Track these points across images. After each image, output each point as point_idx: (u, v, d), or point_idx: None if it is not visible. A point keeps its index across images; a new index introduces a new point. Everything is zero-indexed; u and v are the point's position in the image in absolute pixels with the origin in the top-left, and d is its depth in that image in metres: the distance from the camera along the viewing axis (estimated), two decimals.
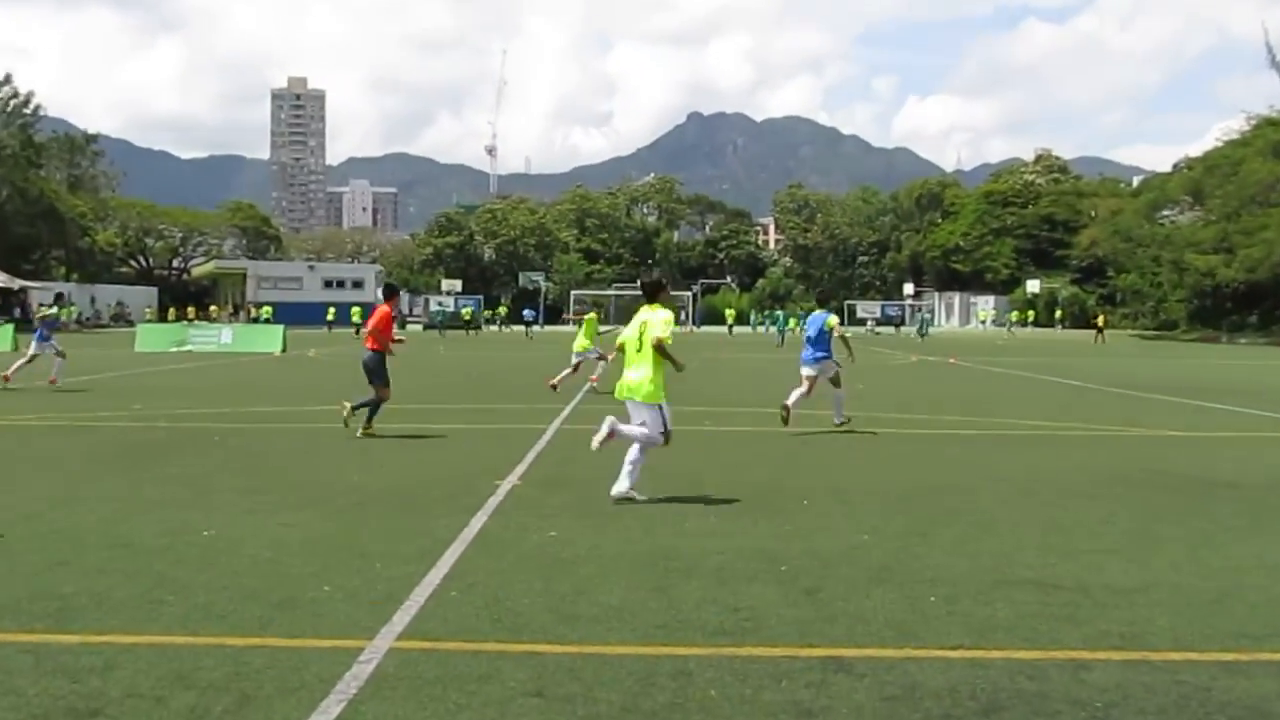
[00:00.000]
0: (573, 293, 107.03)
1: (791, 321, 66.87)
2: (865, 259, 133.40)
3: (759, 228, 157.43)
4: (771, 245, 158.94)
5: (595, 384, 21.71)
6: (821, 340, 15.25)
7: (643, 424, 9.59)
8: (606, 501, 9.55)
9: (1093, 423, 16.74)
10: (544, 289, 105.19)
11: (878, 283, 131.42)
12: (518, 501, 9.61)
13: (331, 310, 61.25)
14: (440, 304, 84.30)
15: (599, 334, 22.70)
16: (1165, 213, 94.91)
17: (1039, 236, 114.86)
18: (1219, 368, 36.18)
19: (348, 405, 14.54)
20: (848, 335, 15.35)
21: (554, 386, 21.30)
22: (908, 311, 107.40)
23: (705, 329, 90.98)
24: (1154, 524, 8.84)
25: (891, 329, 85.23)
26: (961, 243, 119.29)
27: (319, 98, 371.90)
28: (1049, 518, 9.04)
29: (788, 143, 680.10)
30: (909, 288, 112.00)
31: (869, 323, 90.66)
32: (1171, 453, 13.29)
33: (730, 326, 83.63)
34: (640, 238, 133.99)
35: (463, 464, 11.86)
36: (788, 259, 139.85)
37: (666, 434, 9.60)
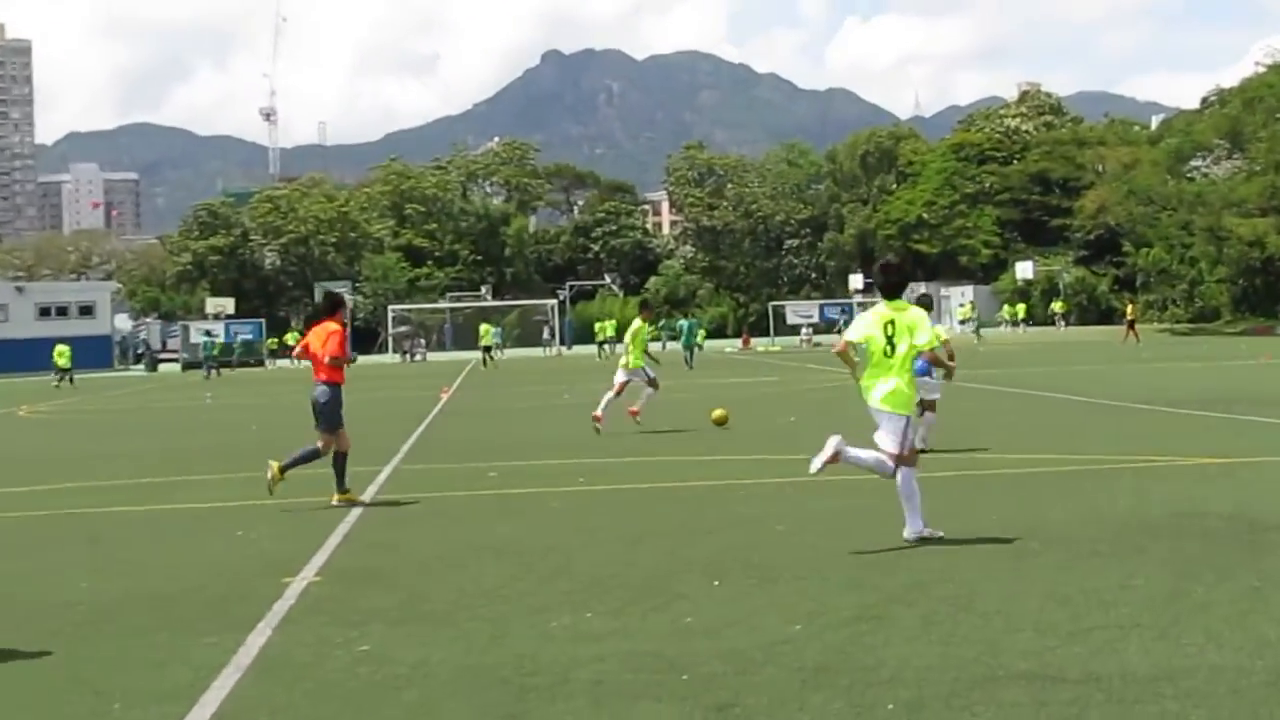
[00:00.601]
0: (390, 309, 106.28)
1: (700, 334, 67.36)
2: (795, 243, 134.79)
3: (648, 206, 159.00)
4: (666, 230, 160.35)
5: (638, 417, 23.31)
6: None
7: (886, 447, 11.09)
8: (439, 596, 9.52)
9: (1106, 452, 17.13)
10: (351, 304, 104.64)
11: (814, 275, 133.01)
12: (316, 605, 9.52)
13: (62, 351, 58.32)
14: (208, 333, 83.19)
15: (647, 346, 24.39)
16: (1195, 164, 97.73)
17: (1029, 203, 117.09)
18: (1274, 370, 37.36)
19: (275, 465, 14.97)
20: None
21: (597, 421, 22.59)
22: (856, 312, 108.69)
23: (581, 349, 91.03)
24: (1187, 585, 9.08)
25: (836, 337, 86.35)
26: (926, 215, 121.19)
27: (22, 51, 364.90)
28: (1049, 585, 9.23)
29: (682, 88, 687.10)
30: (856, 280, 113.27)
31: (803, 330, 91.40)
32: (1208, 489, 13.67)
33: (601, 345, 76.29)
34: (482, 227, 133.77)
35: (237, 557, 11.72)
36: (688, 247, 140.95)
37: (901, 455, 11.05)
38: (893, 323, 11.20)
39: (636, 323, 24.57)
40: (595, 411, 22.93)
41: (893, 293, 11.50)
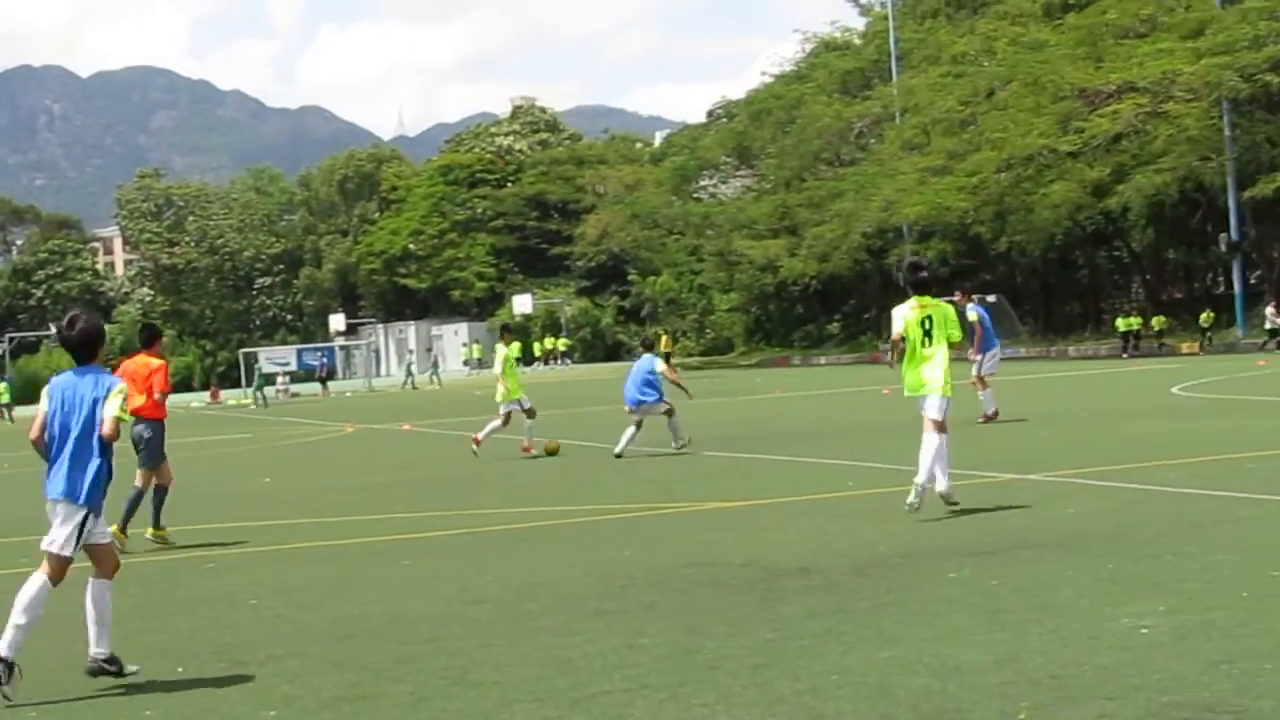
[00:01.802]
0: None
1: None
2: (268, 281, 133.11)
3: (98, 244, 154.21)
4: (120, 270, 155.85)
5: (530, 451, 25.48)
6: None
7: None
8: None
9: (614, 501, 17.68)
10: None
11: (289, 317, 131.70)
12: None
13: None
14: None
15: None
16: (703, 182, 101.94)
17: (526, 229, 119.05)
18: (790, 403, 39.41)
19: (114, 529, 14.23)
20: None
21: (477, 443, 25.29)
22: (338, 356, 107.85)
23: (25, 411, 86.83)
24: (698, 641, 9.42)
25: (318, 387, 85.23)
26: (413, 246, 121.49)
27: None
28: (550, 650, 9.41)
29: (134, 108, 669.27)
30: (337, 320, 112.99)
31: (279, 380, 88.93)
32: (721, 536, 14.29)
33: None
34: None
35: None
36: (146, 289, 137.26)
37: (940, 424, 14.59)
38: (930, 317, 14.54)
39: (504, 349, 26.40)
40: (476, 434, 25.58)
41: (922, 288, 14.75)
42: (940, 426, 14.60)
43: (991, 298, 71.18)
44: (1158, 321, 66.39)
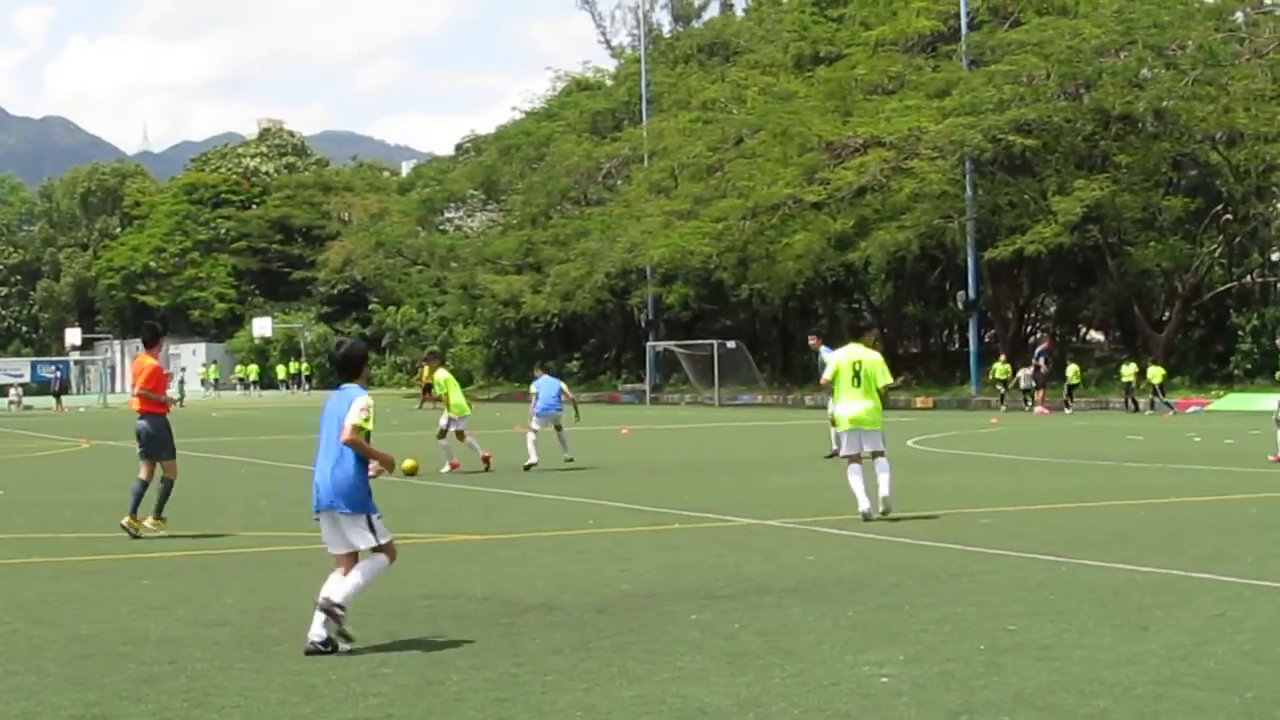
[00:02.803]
0: None
1: None
2: (5, 292, 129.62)
3: None
4: None
5: (457, 469, 27.15)
6: None
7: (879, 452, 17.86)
8: None
9: None
10: None
11: (25, 329, 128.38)
12: None
13: None
14: None
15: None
16: (449, 214, 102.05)
17: (269, 252, 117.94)
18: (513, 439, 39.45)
19: (149, 520, 17.29)
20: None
21: (455, 467, 27.18)
22: (74, 371, 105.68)
23: None
24: (441, 673, 9.43)
25: (52, 400, 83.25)
26: (154, 263, 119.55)
27: None
28: (293, 675, 9.34)
29: None
30: (74, 334, 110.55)
31: (11, 391, 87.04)
32: (464, 568, 14.34)
33: None
34: None
35: None
36: None
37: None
38: (860, 361, 17.79)
39: (443, 373, 28.76)
40: (454, 459, 27.65)
41: (855, 337, 18.39)
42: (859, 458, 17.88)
43: (730, 343, 72.29)
44: None
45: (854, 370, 17.70)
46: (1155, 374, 54.25)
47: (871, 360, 17.82)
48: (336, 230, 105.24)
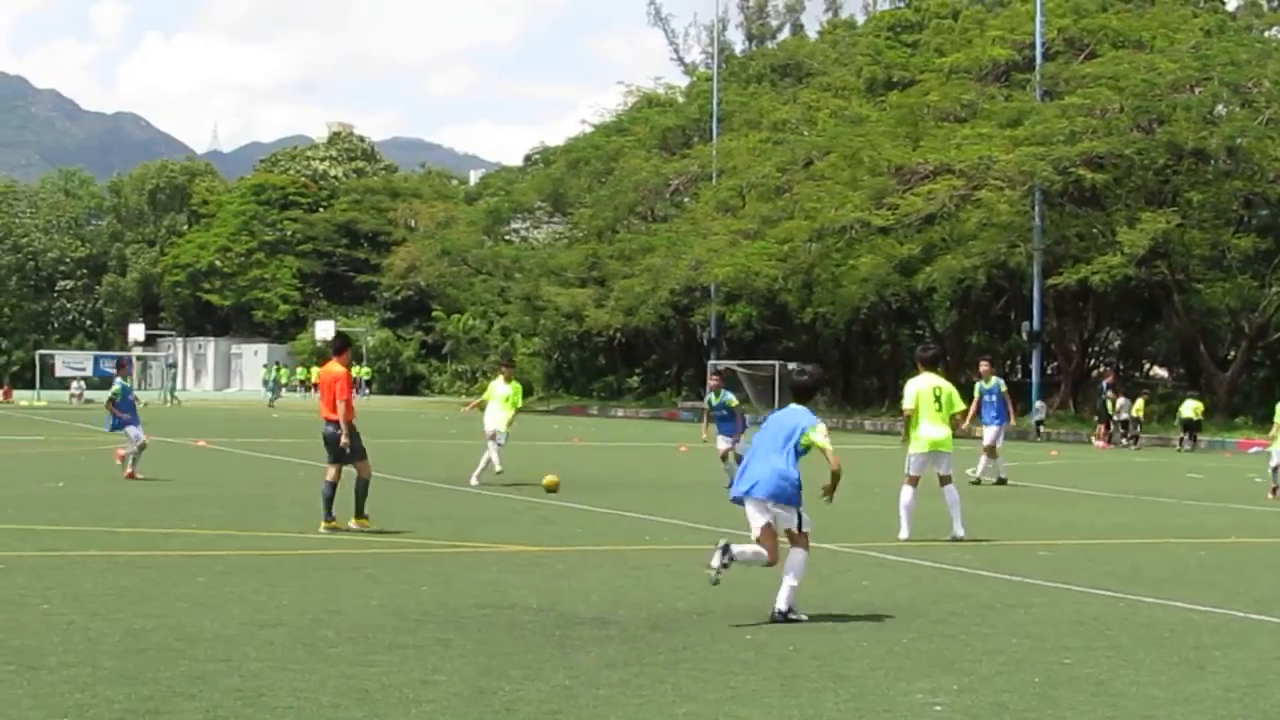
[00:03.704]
0: None
1: None
2: (70, 284, 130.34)
3: None
4: None
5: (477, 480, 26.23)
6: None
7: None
8: None
9: (411, 536, 17.67)
10: None
11: (89, 322, 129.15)
12: None
13: None
14: None
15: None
16: (515, 225, 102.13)
17: (334, 256, 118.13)
18: (587, 453, 39.52)
19: (353, 521, 18.22)
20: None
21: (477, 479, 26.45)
22: (135, 366, 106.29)
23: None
24: (494, 682, 9.44)
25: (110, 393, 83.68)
26: (219, 262, 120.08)
27: None
28: (345, 679, 9.36)
29: None
30: (137, 330, 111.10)
31: (74, 385, 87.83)
32: (517, 579, 14.34)
33: None
34: None
35: None
36: None
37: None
38: (939, 388, 18.79)
39: (509, 384, 27.70)
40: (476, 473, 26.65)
41: (930, 366, 19.37)
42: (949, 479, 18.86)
43: (792, 365, 72.04)
44: None
45: (934, 396, 18.69)
46: (1195, 409, 53.98)
47: (949, 389, 18.88)
48: (402, 236, 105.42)
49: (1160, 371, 76.95)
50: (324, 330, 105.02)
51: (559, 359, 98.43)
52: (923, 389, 18.83)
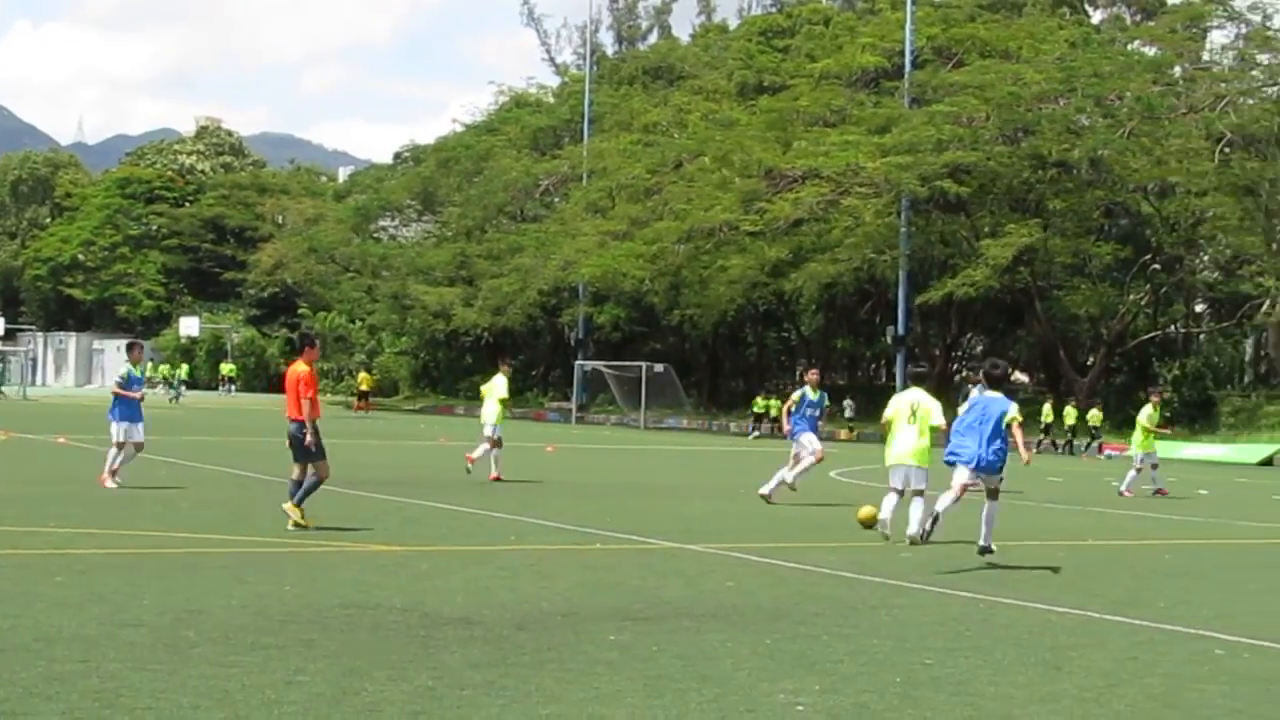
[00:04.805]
0: None
1: None
2: None
3: None
4: None
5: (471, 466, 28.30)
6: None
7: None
8: None
9: (273, 535, 17.51)
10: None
11: None
12: None
13: None
14: None
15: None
16: (384, 223, 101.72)
17: (201, 251, 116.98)
18: (454, 453, 39.39)
19: (288, 505, 18.22)
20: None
21: (472, 461, 28.52)
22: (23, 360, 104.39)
23: None
24: (357, 683, 9.38)
25: None
26: (82, 256, 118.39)
27: None
28: (207, 680, 9.26)
29: None
30: None
31: None
32: (382, 579, 14.25)
33: None
34: None
35: None
36: None
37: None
38: (917, 404, 19.10)
39: (504, 380, 29.68)
40: (472, 454, 28.93)
41: (918, 382, 20.25)
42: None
43: (659, 367, 72.38)
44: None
45: (911, 410, 18.97)
46: (1094, 417, 55.43)
47: (927, 404, 19.08)
48: (270, 233, 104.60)
49: (1021, 376, 78.10)
50: (188, 326, 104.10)
51: (426, 358, 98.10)
52: (900, 404, 19.19)
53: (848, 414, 66.72)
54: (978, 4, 68.71)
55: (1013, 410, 17.09)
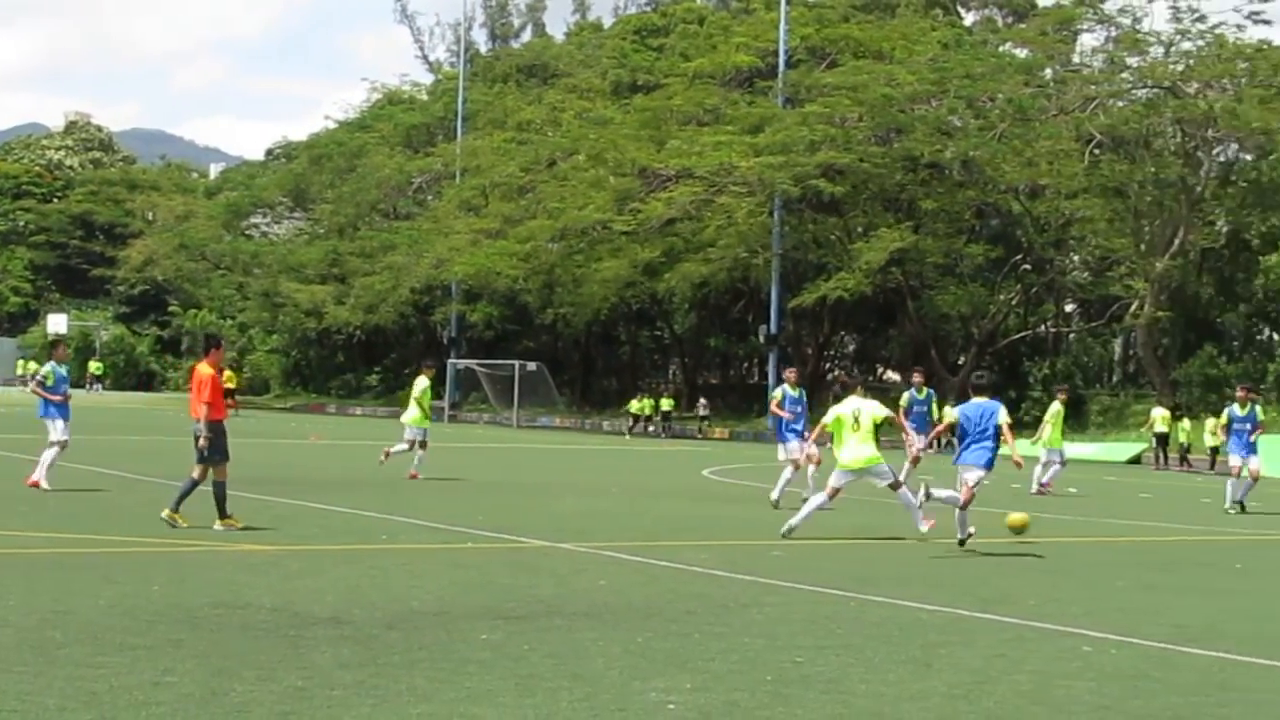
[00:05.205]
0: None
1: None
2: None
3: None
4: None
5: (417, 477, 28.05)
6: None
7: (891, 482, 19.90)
8: None
9: (141, 535, 17.34)
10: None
11: None
12: None
13: None
14: None
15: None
16: (255, 220, 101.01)
17: (69, 248, 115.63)
18: (324, 451, 39.19)
19: (218, 523, 18.29)
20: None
21: (387, 455, 28.90)
22: None
23: None
24: (226, 683, 9.30)
25: None
26: None
27: None
28: (74, 681, 9.15)
29: None
30: None
31: None
32: (252, 578, 14.14)
33: None
34: None
35: None
36: None
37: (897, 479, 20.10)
38: (860, 410, 19.47)
39: (425, 380, 29.78)
40: (390, 448, 29.40)
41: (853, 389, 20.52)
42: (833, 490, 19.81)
43: (532, 365, 72.35)
44: (665, 403, 67.70)
45: (854, 418, 19.37)
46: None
47: (869, 410, 19.55)
48: (140, 229, 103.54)
49: (893, 375, 78.83)
50: (56, 324, 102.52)
51: (297, 356, 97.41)
52: (843, 412, 19.49)
53: (702, 413, 67.06)
54: (851, 4, 69.23)
55: (1003, 414, 19.06)
